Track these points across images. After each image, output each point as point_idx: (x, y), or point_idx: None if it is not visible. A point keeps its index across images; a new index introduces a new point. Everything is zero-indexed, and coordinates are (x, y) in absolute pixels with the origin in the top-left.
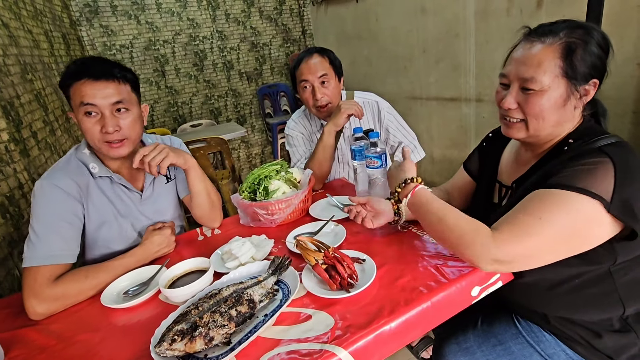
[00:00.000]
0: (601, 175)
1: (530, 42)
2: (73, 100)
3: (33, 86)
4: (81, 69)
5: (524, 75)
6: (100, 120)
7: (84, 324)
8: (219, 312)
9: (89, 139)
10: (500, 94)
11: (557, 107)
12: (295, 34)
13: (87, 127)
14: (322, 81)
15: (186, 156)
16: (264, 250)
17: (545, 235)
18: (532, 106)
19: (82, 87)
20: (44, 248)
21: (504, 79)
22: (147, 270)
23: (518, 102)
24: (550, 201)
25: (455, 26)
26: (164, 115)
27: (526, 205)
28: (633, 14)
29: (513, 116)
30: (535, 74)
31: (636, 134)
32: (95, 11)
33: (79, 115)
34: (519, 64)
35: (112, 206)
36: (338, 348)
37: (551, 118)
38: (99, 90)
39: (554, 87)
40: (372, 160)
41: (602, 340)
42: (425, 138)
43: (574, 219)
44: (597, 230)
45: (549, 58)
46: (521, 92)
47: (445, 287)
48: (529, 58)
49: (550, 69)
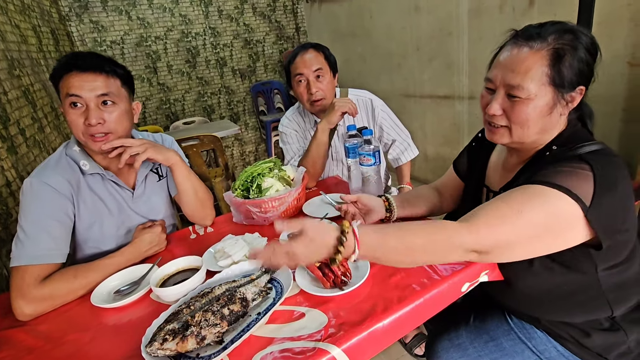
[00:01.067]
0: (582, 179)
1: (518, 46)
2: (61, 92)
3: (21, 82)
4: (72, 62)
5: (510, 82)
6: (85, 112)
7: (74, 324)
8: (211, 311)
9: (73, 132)
10: (486, 99)
11: (542, 116)
12: (289, 31)
13: (72, 119)
14: (317, 75)
15: (169, 154)
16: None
17: (519, 227)
18: (518, 114)
19: (69, 79)
20: (33, 247)
21: (490, 83)
22: (138, 269)
23: (503, 108)
24: (530, 194)
25: (449, 24)
26: (156, 112)
27: (507, 196)
28: (623, 13)
29: (497, 122)
30: (522, 82)
31: (626, 132)
32: (85, 6)
33: (64, 107)
34: (505, 69)
35: (103, 204)
36: (331, 346)
37: (536, 126)
38: (85, 82)
39: (541, 95)
40: (366, 157)
41: (591, 339)
42: (419, 136)
43: (550, 215)
44: (570, 232)
45: (536, 65)
46: (507, 98)
47: (438, 284)
48: (516, 64)
49: (538, 77)
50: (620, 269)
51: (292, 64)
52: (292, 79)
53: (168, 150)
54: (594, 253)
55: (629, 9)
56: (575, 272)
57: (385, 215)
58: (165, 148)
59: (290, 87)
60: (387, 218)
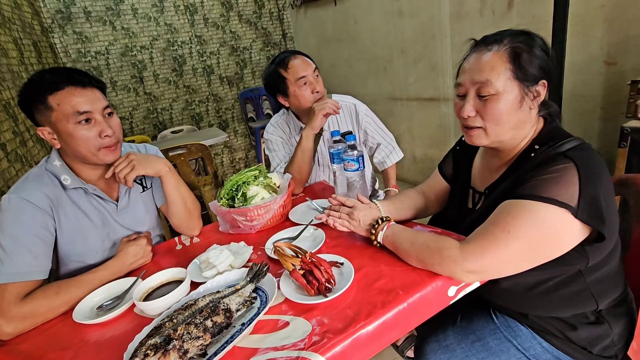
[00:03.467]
0: (566, 182)
1: (479, 51)
2: (58, 111)
3: (1, 96)
4: (61, 79)
5: (479, 79)
6: (95, 126)
7: (54, 342)
8: (194, 324)
9: (83, 149)
10: (458, 105)
11: (513, 110)
12: (275, 37)
13: (84, 136)
14: (315, 75)
15: (158, 165)
16: (242, 257)
17: (514, 247)
18: (490, 111)
19: (70, 97)
20: (12, 265)
21: (460, 88)
22: (122, 282)
23: (476, 109)
24: (518, 213)
25: (432, 27)
26: (143, 122)
27: (496, 218)
28: (597, 14)
29: (471, 124)
30: (489, 77)
31: (605, 130)
32: (68, 17)
33: (69, 126)
34: (472, 71)
35: (86, 218)
36: (315, 354)
37: (509, 120)
38: (88, 97)
39: (508, 90)
40: (350, 163)
41: (577, 332)
42: (406, 138)
43: (542, 229)
44: (566, 237)
45: (499, 63)
46: (478, 99)
47: (421, 288)
48: (481, 64)
49: (502, 72)
50: (602, 263)
51: (286, 69)
52: (289, 84)
53: (157, 161)
54: (588, 248)
55: (602, 10)
56: (564, 266)
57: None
58: (154, 158)
59: (278, 96)
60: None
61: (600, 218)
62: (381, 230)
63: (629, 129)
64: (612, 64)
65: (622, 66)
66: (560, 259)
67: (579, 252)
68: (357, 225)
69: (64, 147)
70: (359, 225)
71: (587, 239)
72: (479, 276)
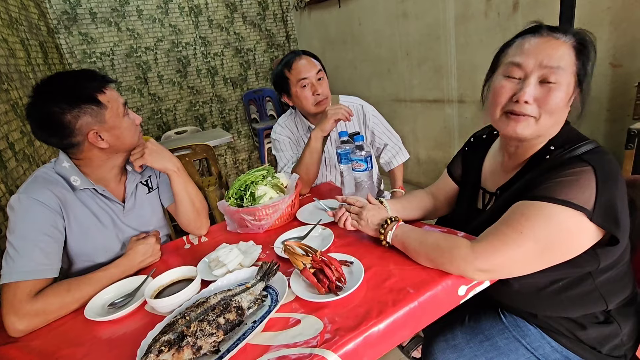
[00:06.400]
0: (583, 185)
1: (545, 36)
2: (111, 107)
3: (9, 96)
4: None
5: (549, 64)
6: (130, 115)
7: (67, 339)
8: (206, 321)
9: (130, 139)
10: (508, 88)
11: (565, 105)
12: (279, 39)
13: (131, 125)
14: (318, 77)
15: (166, 162)
16: (251, 256)
17: (527, 247)
18: (551, 100)
19: (112, 92)
20: (24, 263)
21: (517, 70)
22: (132, 281)
23: (535, 96)
24: (533, 214)
25: (436, 29)
26: (147, 122)
27: (509, 218)
28: (603, 16)
29: (526, 112)
30: (560, 64)
31: (611, 131)
32: (74, 19)
33: (121, 120)
34: (539, 54)
35: (95, 218)
36: (327, 352)
37: (559, 115)
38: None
39: (569, 84)
40: (358, 163)
41: (586, 332)
42: (410, 139)
43: (555, 231)
44: (580, 240)
45: (567, 54)
46: (539, 85)
47: (432, 287)
48: (552, 48)
49: (570, 65)
50: (612, 264)
51: (290, 70)
52: (291, 85)
53: (169, 159)
54: (599, 251)
55: (608, 12)
56: (575, 267)
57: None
58: (167, 155)
59: (283, 95)
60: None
61: (616, 222)
62: (390, 230)
63: (635, 130)
64: (618, 66)
65: (628, 68)
66: (572, 261)
67: (590, 254)
68: (365, 225)
69: (112, 143)
70: (367, 225)
71: (600, 242)
72: (489, 275)
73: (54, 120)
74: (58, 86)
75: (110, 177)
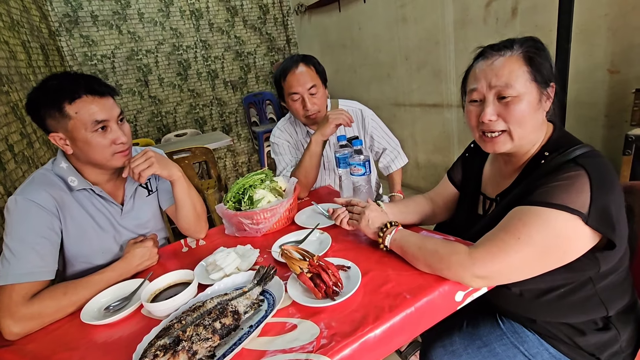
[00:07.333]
0: (578, 189)
1: (490, 57)
2: (76, 119)
3: (9, 98)
4: (80, 87)
5: (497, 83)
6: (110, 133)
7: (62, 342)
8: (202, 325)
9: (99, 155)
10: (475, 111)
11: (534, 111)
12: (279, 42)
13: (100, 143)
14: (311, 93)
15: (172, 169)
16: (249, 260)
17: (524, 253)
18: (514, 112)
19: (89, 106)
20: (20, 265)
21: (475, 93)
22: (129, 284)
23: (498, 112)
24: (529, 219)
25: (435, 34)
26: (147, 125)
27: (506, 224)
28: (601, 23)
29: (494, 129)
30: (509, 81)
31: (609, 137)
32: (75, 21)
33: (86, 134)
34: (488, 76)
35: (92, 220)
36: (323, 357)
37: (531, 122)
38: (105, 105)
39: (528, 92)
40: (356, 167)
41: (585, 338)
42: (409, 144)
43: (552, 236)
44: (576, 244)
45: (516, 66)
46: (498, 102)
47: (428, 292)
48: (497, 69)
49: (521, 75)
50: (612, 269)
51: (284, 80)
52: (285, 95)
53: (172, 166)
54: (599, 255)
55: (606, 18)
56: (575, 272)
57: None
58: (170, 162)
59: (282, 99)
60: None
61: (611, 225)
62: (389, 233)
63: (633, 136)
64: (615, 72)
65: (625, 74)
66: (572, 266)
67: (590, 258)
68: (365, 225)
69: (76, 153)
70: (367, 225)
71: (597, 246)
72: (487, 282)
73: (28, 109)
74: (51, 80)
75: (103, 179)
